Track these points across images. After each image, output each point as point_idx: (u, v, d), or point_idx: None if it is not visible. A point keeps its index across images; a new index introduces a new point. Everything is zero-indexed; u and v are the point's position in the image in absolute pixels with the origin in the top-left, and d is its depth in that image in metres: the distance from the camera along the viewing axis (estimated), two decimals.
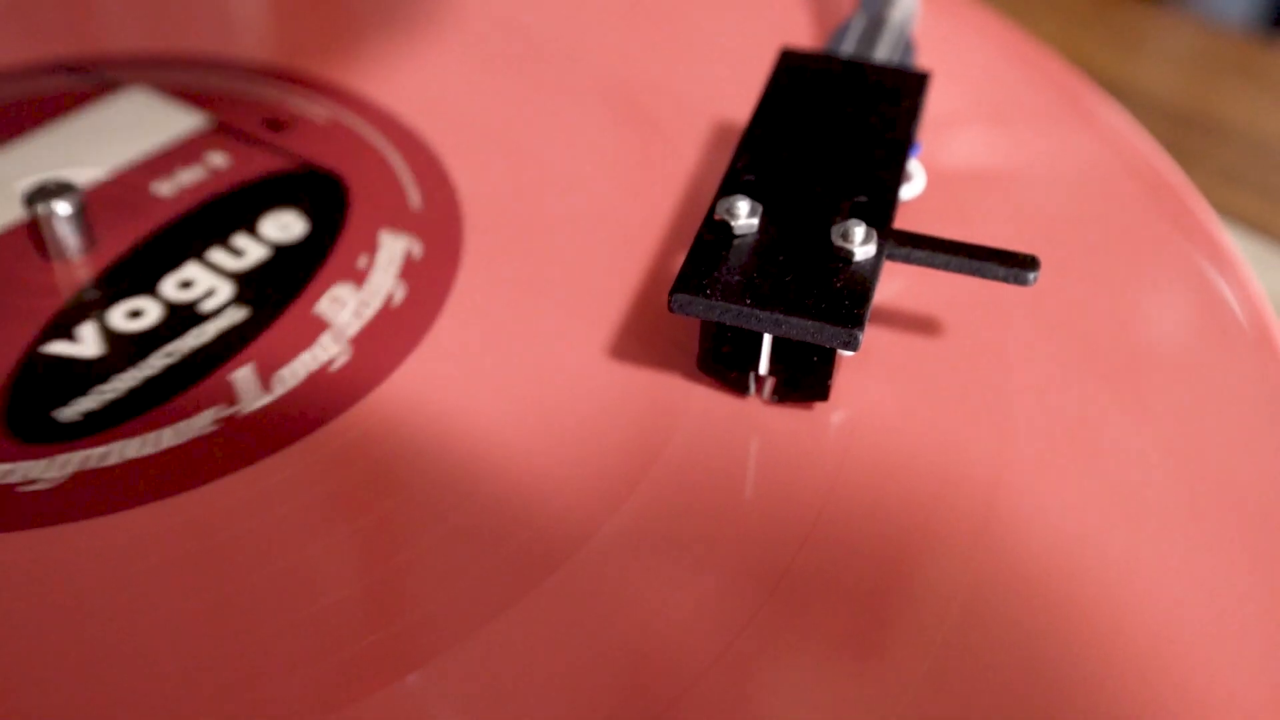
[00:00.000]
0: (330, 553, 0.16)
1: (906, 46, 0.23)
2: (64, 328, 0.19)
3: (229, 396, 0.18)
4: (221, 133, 0.24)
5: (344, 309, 0.20)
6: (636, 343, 0.19)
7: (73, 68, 0.25)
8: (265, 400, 0.18)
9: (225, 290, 0.20)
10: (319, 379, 0.18)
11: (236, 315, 0.20)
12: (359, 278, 0.20)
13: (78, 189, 0.21)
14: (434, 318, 0.20)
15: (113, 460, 0.17)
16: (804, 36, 0.27)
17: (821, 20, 0.27)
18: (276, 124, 0.21)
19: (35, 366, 0.19)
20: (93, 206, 0.22)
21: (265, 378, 0.19)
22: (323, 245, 0.21)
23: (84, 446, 0.17)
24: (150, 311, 0.20)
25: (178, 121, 0.24)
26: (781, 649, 0.15)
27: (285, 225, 0.22)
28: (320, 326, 0.19)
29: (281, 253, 0.21)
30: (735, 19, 0.28)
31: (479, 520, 0.16)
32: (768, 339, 0.17)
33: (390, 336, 0.19)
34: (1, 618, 0.15)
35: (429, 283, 0.20)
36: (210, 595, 0.15)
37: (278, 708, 0.14)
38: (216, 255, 0.21)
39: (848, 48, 0.23)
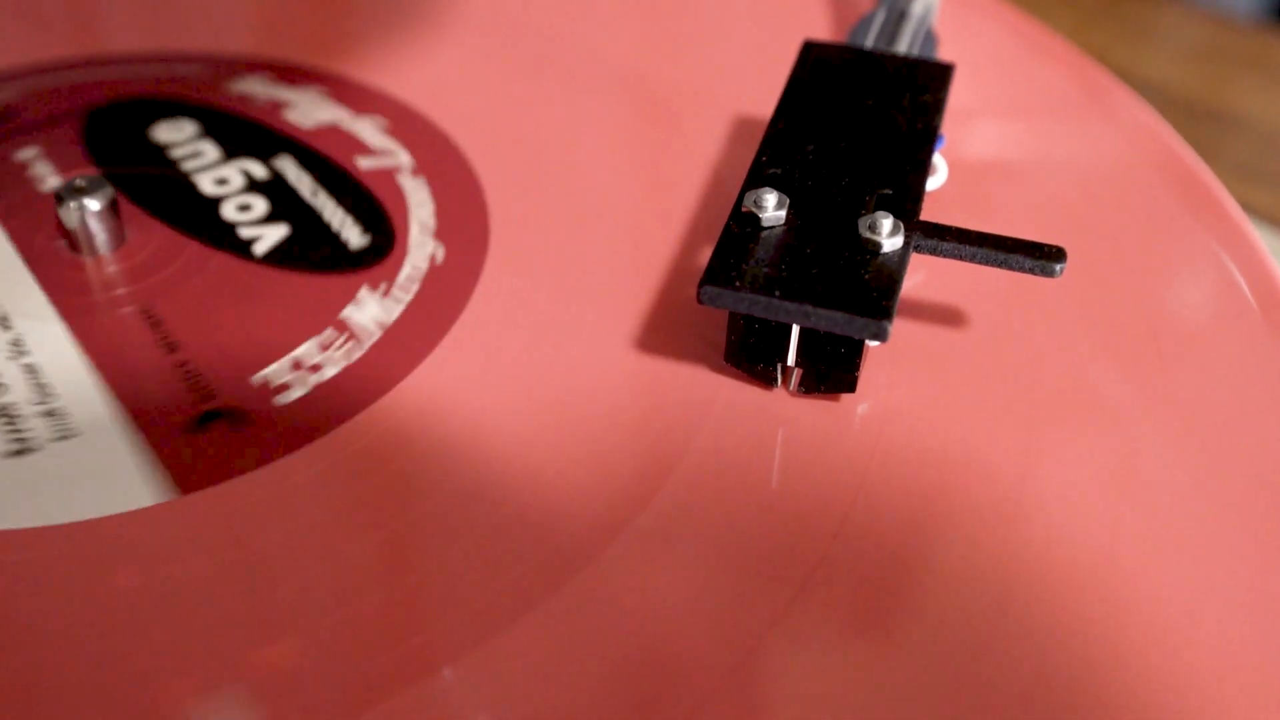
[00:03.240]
0: (348, 553, 0.16)
1: (928, 38, 0.23)
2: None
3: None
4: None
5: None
6: (661, 336, 0.19)
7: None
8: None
9: None
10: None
11: None
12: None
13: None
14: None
15: None
16: (825, 30, 0.27)
17: (843, 14, 0.27)
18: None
19: None
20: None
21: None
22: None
23: None
24: None
25: None
26: (812, 644, 0.15)
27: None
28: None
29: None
30: (756, 12, 0.28)
31: (502, 518, 0.16)
32: (796, 330, 0.17)
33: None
34: (6, 617, 0.15)
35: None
36: (222, 596, 0.15)
37: (294, 711, 0.14)
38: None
39: (870, 41, 0.23)
